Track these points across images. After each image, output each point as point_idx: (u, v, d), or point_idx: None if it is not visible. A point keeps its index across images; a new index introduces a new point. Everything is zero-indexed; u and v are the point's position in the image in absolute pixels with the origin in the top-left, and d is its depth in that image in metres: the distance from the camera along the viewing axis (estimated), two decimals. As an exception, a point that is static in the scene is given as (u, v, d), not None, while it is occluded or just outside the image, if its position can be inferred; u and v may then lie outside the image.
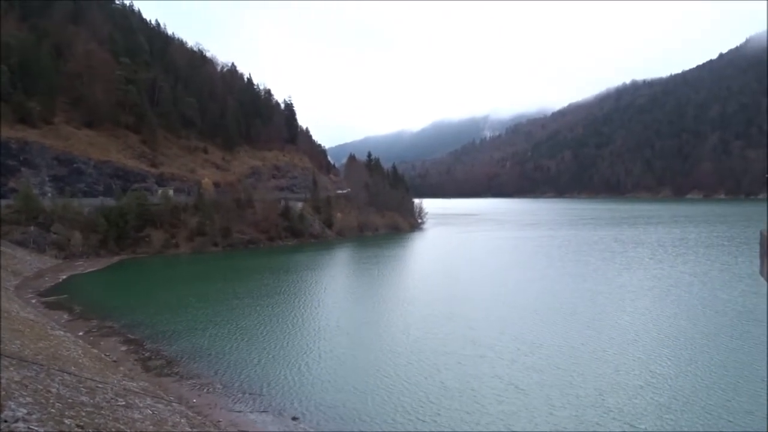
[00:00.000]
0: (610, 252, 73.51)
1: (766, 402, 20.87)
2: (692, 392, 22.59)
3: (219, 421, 20.30)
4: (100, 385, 19.52)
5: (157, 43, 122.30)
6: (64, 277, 57.09)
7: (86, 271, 61.61)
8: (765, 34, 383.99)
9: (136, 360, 28.40)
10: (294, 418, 21.05)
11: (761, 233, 10.20)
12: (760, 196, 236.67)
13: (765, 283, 9.58)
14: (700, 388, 23.03)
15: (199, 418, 20.10)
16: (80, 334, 33.15)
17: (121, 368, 25.85)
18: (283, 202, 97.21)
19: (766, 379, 23.41)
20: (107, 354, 28.77)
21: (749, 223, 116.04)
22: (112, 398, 18.21)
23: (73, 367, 21.71)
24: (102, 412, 15.99)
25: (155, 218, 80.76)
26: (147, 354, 29.66)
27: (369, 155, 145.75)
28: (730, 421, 19.71)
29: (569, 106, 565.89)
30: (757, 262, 11.82)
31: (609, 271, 57.54)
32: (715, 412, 20.56)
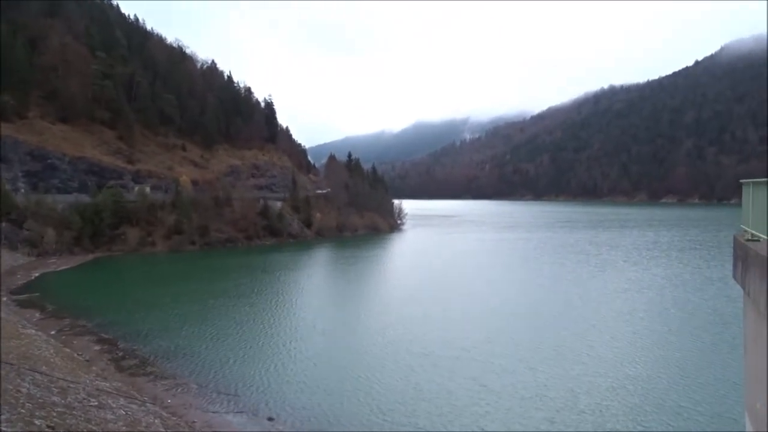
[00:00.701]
0: (585, 254, 74.38)
1: (740, 402, 21.29)
2: (665, 393, 22.97)
3: (194, 422, 20.17)
4: (72, 385, 19.29)
5: (136, 38, 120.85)
6: (37, 274, 56.17)
7: (59, 269, 60.69)
8: (739, 43, 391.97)
9: (109, 359, 28.07)
10: (269, 419, 21.00)
11: (734, 237, 10.48)
12: (733, 201, 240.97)
13: (737, 286, 9.83)
14: (672, 390, 23.42)
15: (174, 418, 19.96)
16: (52, 332, 32.65)
17: (94, 368, 25.54)
18: (262, 201, 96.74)
19: (739, 381, 23.86)
20: (80, 353, 28.39)
21: (721, 227, 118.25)
22: (84, 398, 18.02)
23: (44, 367, 21.42)
24: (74, 412, 15.82)
25: (131, 216, 79.83)
26: (121, 353, 29.33)
27: (349, 155, 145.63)
28: (702, 423, 20.08)
29: (548, 110, 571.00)
30: (729, 265, 12.12)
31: (584, 273, 58.22)
32: (688, 413, 20.92)
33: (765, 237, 8.40)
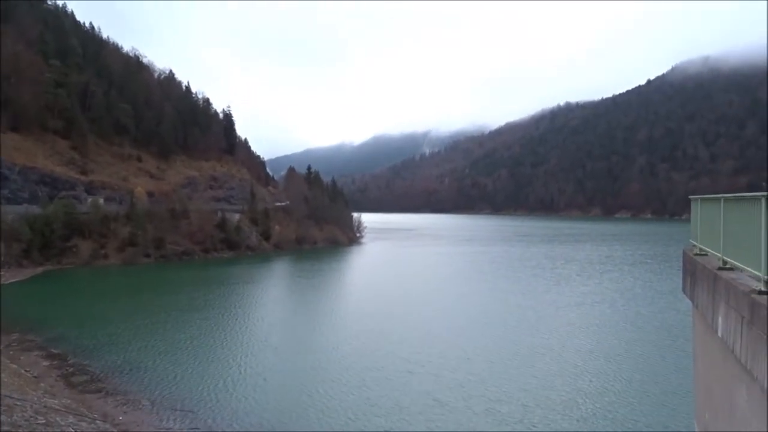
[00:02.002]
0: (541, 268, 75.86)
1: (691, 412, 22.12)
2: (615, 406, 23.61)
3: (144, 439, 19.95)
4: (18, 403, 18.88)
5: (91, 47, 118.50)
6: (-17, 288, 54.40)
7: (7, 282, 58.87)
8: (688, 64, 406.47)
9: (58, 376, 27.44)
10: (222, 435, 20.91)
11: (684, 252, 11.00)
12: (684, 217, 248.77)
13: (686, 299, 10.32)
14: (623, 402, 24.09)
15: (124, 435, 19.71)
16: (-2, 348, 31.76)
17: (42, 384, 24.97)
18: (219, 214, 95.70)
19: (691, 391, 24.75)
20: (27, 369, 27.70)
21: (672, 241, 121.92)
22: (31, 416, 17.68)
23: (-11, 384, 20.88)
24: (20, 431, 15.54)
25: (83, 228, 78.02)
26: (70, 369, 28.69)
27: (309, 168, 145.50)
28: (651, 432, 20.78)
29: (506, 125, 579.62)
30: (678, 279, 12.63)
31: (539, 287, 59.38)
32: (637, 425, 21.59)
33: (712, 251, 8.70)
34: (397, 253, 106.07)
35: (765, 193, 5.49)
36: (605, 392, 25.42)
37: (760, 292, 5.41)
